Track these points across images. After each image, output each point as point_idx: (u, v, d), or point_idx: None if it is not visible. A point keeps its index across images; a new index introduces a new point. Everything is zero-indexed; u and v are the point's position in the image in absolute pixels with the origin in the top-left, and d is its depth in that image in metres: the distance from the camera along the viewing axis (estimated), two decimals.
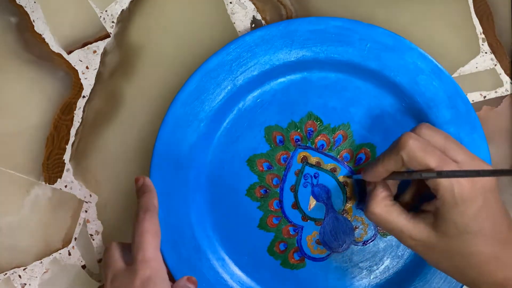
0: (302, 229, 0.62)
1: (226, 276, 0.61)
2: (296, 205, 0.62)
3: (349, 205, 0.63)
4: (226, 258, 0.62)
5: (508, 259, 0.52)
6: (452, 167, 0.51)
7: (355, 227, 0.62)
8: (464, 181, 0.50)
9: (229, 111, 0.62)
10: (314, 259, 0.62)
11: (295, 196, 0.62)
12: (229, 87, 0.61)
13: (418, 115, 0.62)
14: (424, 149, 0.51)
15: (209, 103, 0.61)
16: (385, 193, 0.55)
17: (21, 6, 0.65)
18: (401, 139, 0.52)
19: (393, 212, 0.54)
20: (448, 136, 0.54)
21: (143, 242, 0.52)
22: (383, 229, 0.56)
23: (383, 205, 0.54)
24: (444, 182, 0.50)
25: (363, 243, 0.63)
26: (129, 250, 0.55)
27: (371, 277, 0.63)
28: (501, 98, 0.65)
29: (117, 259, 0.55)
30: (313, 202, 0.62)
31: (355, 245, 0.63)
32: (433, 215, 0.52)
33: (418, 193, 0.58)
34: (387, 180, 0.56)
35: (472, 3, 0.66)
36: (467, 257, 0.52)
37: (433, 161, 0.50)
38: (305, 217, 0.63)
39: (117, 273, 0.53)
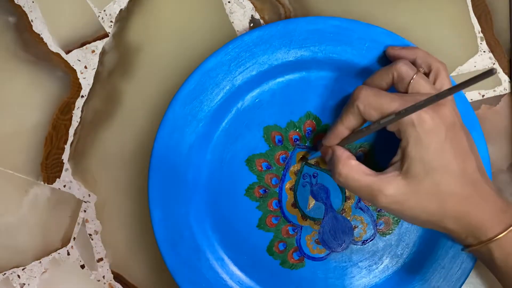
0: (301, 228, 0.63)
1: (225, 276, 0.61)
2: (295, 205, 0.63)
3: (348, 204, 0.63)
4: (226, 258, 0.62)
5: (480, 200, 0.52)
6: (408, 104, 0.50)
7: (354, 226, 0.62)
8: (424, 114, 0.50)
9: (227, 111, 0.62)
10: (313, 258, 0.62)
11: (294, 196, 0.63)
12: (227, 87, 0.61)
13: None
14: (376, 94, 0.52)
15: (208, 103, 0.61)
16: (347, 153, 0.54)
17: (19, 5, 0.65)
18: (354, 92, 0.53)
19: (359, 170, 0.53)
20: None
21: None
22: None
23: (349, 164, 0.53)
24: (405, 120, 0.50)
25: (362, 243, 0.63)
26: None
27: (371, 277, 0.63)
28: (499, 97, 0.65)
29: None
30: (312, 202, 0.63)
31: (354, 244, 0.63)
32: (400, 162, 0.52)
33: None
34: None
35: (470, 2, 0.66)
36: (441, 201, 0.51)
37: (387, 102, 0.51)
38: (304, 217, 0.63)
39: None
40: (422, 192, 0.51)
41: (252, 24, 0.66)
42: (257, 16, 0.66)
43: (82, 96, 0.65)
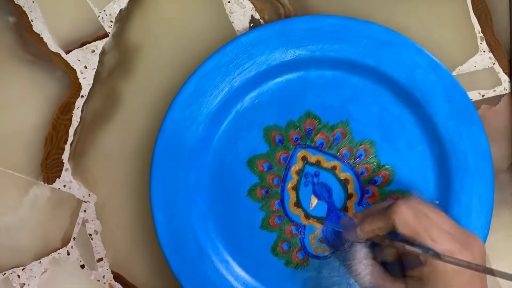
0: (304, 228, 0.63)
1: (230, 278, 0.61)
2: (297, 205, 0.63)
3: (350, 202, 0.63)
4: (230, 259, 0.62)
5: None
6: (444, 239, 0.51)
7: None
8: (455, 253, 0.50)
9: (227, 113, 0.62)
10: (317, 257, 0.63)
11: (297, 196, 0.63)
12: (226, 89, 0.61)
13: (416, 110, 0.62)
14: (418, 215, 0.51)
15: (207, 105, 0.61)
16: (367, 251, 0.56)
17: (19, 5, 0.65)
18: (393, 205, 0.52)
19: (377, 273, 0.55)
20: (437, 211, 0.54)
21: None
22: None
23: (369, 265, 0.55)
24: (439, 266, 0.50)
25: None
26: None
27: None
28: (499, 97, 0.66)
29: None
30: (314, 201, 0.63)
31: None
32: (418, 281, 0.52)
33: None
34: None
35: (470, 2, 0.66)
36: None
37: (427, 226, 0.51)
38: (307, 216, 0.63)
39: None
40: None
41: (252, 24, 0.66)
42: (257, 16, 0.66)
43: (82, 96, 0.65)
